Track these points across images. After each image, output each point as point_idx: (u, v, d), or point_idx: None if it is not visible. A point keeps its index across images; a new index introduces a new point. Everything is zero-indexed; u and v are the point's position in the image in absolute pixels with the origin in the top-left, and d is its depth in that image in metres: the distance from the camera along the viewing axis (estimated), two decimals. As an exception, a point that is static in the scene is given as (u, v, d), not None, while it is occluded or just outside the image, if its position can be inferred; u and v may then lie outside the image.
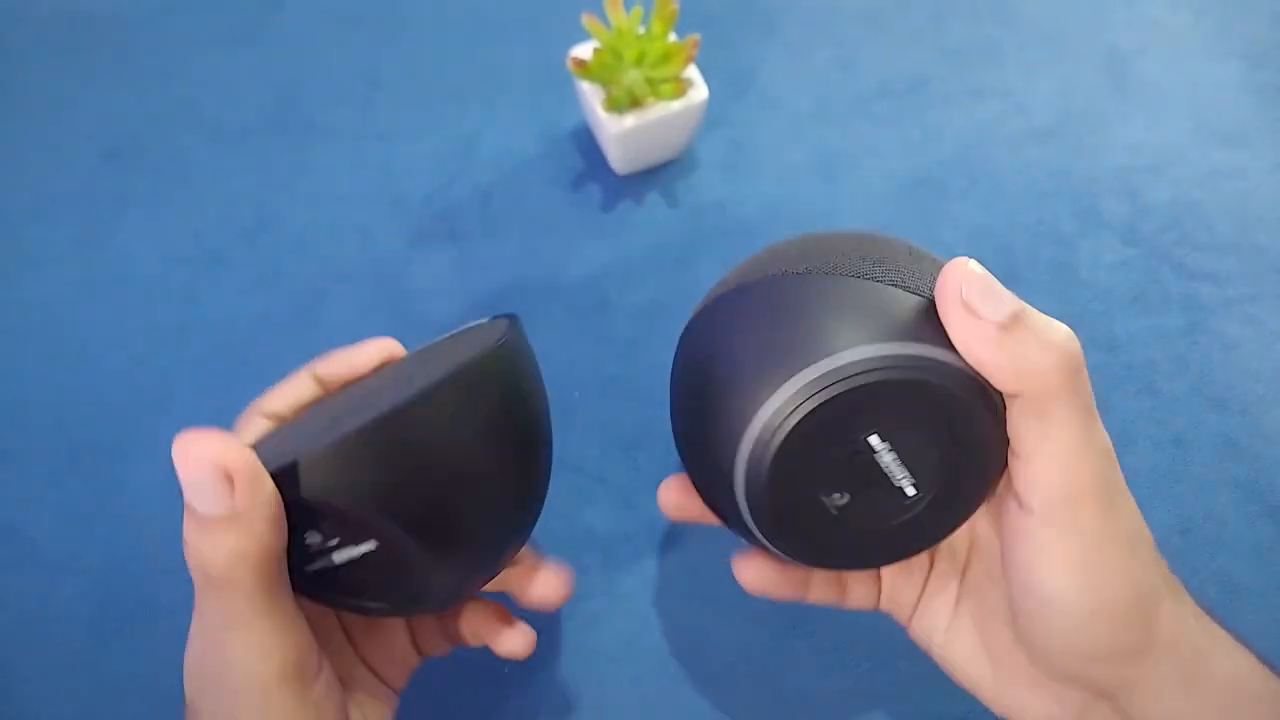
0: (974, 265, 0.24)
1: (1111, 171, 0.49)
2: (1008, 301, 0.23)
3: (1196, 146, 0.50)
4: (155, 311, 0.46)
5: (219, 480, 0.22)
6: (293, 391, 0.31)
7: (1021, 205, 0.48)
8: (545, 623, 0.38)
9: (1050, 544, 0.24)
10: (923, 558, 0.31)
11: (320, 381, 0.31)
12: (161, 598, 0.39)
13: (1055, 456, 0.24)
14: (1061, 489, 0.24)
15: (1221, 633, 0.26)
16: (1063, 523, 0.24)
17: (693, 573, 0.39)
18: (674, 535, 0.40)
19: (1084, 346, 0.26)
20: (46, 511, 0.41)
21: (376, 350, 0.32)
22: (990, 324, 0.23)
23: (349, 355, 0.32)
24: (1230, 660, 0.26)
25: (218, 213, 0.49)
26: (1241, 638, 0.26)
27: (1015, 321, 0.23)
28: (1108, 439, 0.25)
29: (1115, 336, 0.44)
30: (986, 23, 0.54)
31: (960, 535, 0.30)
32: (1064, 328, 0.24)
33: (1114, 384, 0.43)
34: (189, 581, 0.36)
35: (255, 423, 0.30)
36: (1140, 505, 0.26)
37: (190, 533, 0.23)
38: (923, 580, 0.31)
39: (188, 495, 0.23)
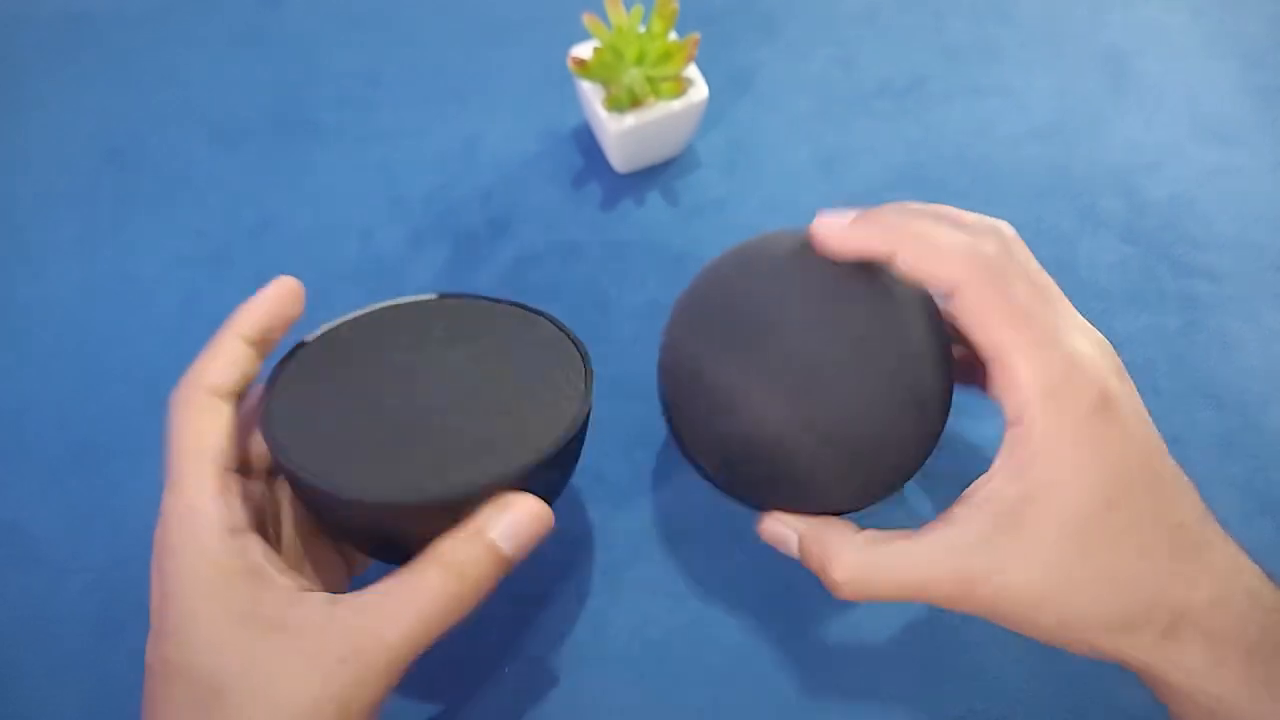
0: (768, 526, 0.33)
1: (1109, 170, 0.49)
2: (792, 550, 0.32)
3: (1194, 145, 0.50)
4: (157, 311, 0.46)
5: None
6: (228, 357, 0.31)
7: (1020, 204, 0.48)
8: (546, 622, 0.38)
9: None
10: None
11: (253, 343, 0.31)
12: (164, 596, 0.39)
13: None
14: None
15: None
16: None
17: (693, 572, 0.39)
18: (674, 534, 0.40)
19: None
20: (48, 511, 0.41)
21: (279, 294, 0.32)
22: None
23: (263, 306, 0.32)
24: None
25: (219, 213, 0.49)
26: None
27: (800, 558, 0.32)
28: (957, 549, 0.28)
29: (1113, 335, 0.44)
30: (986, 22, 0.54)
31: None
32: (830, 549, 0.30)
33: (1112, 382, 0.43)
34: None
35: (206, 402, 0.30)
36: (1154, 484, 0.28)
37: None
38: None
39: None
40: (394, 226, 0.48)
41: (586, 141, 0.50)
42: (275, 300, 0.32)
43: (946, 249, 0.27)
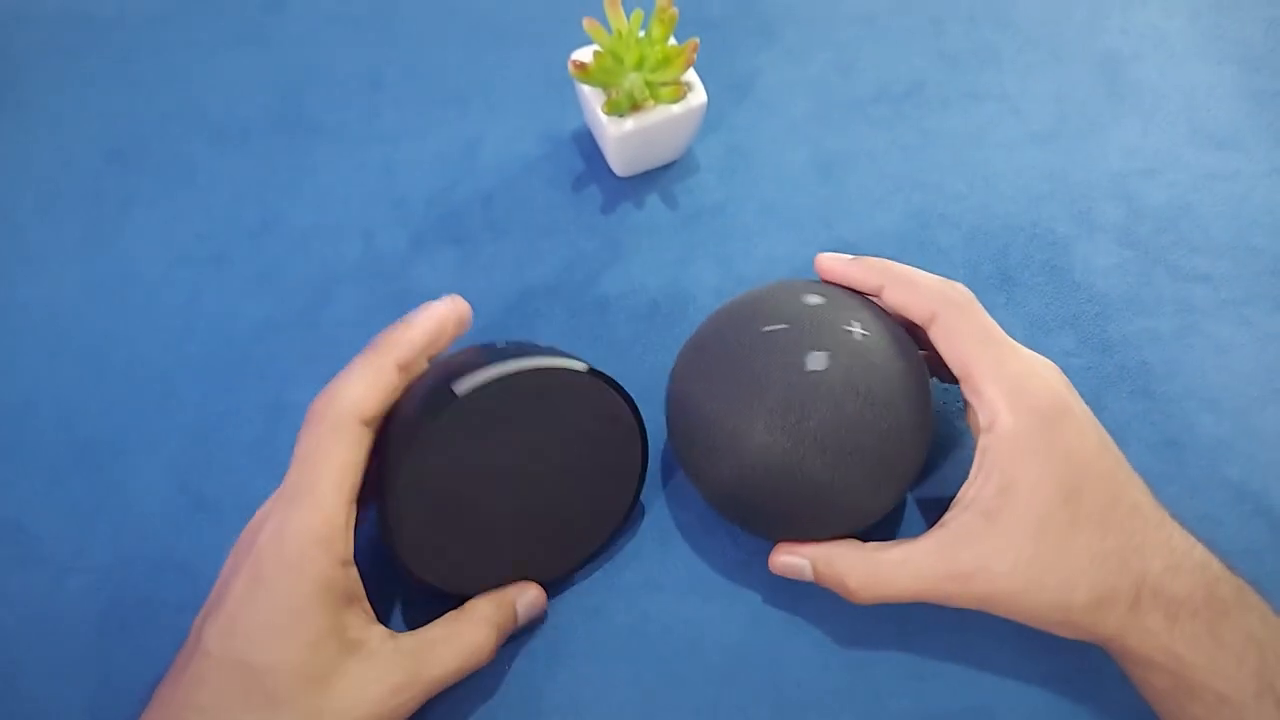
0: (776, 563, 0.37)
1: (1107, 175, 0.49)
2: (805, 574, 0.36)
3: (1191, 150, 0.50)
4: (158, 311, 0.46)
5: None
6: (385, 387, 0.32)
7: (1017, 208, 0.48)
8: (550, 620, 0.38)
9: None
10: None
11: (407, 369, 0.33)
12: (166, 595, 0.39)
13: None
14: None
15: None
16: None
17: (693, 571, 0.39)
18: (673, 533, 0.40)
19: (1078, 348, 0.27)
20: (51, 510, 0.41)
21: (444, 321, 0.34)
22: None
23: (427, 333, 0.33)
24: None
25: (220, 214, 0.49)
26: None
27: (816, 581, 0.36)
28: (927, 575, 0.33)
29: (1109, 338, 0.45)
30: (983, 27, 0.55)
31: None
32: (840, 566, 0.34)
33: (1108, 385, 0.43)
34: (192, 579, 0.37)
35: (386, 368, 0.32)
36: (1100, 471, 0.32)
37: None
38: None
39: None
40: (395, 228, 0.48)
41: (586, 145, 0.50)
42: (439, 329, 0.34)
43: (925, 286, 0.35)
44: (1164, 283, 0.46)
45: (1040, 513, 0.31)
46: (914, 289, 0.35)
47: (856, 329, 0.34)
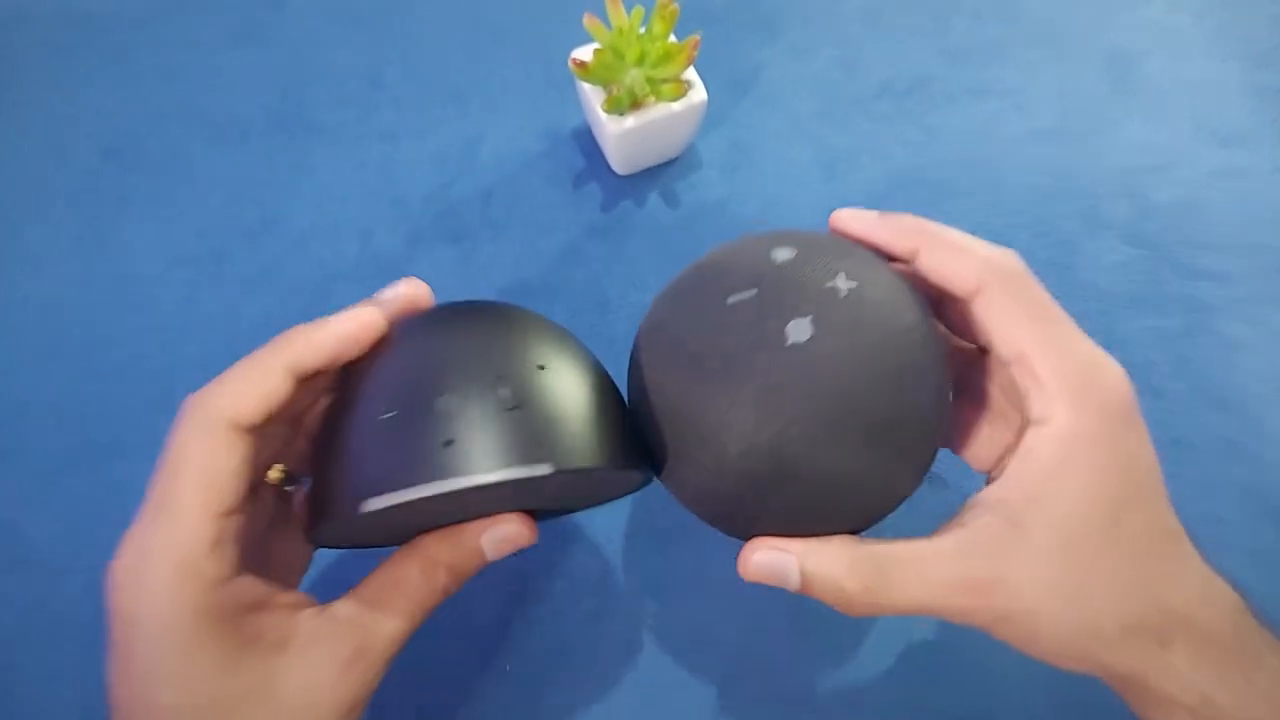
0: (752, 561, 0.29)
1: (1113, 172, 0.49)
2: (792, 581, 0.28)
3: (1198, 147, 0.50)
4: (156, 310, 0.46)
5: None
6: (266, 392, 0.27)
7: (1022, 205, 0.48)
8: (545, 622, 0.38)
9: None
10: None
11: (303, 379, 0.28)
12: (162, 597, 0.39)
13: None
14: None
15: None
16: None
17: (693, 572, 0.39)
18: (673, 534, 0.40)
19: None
20: (47, 511, 0.41)
21: (359, 330, 0.28)
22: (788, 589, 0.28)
23: (332, 342, 0.28)
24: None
25: (219, 212, 0.49)
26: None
27: (805, 590, 0.28)
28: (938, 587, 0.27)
29: (1116, 337, 0.44)
30: (988, 23, 0.54)
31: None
32: (840, 572, 0.28)
33: (1115, 385, 0.43)
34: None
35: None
36: (1150, 498, 0.27)
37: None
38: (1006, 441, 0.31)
39: None
40: (394, 226, 0.48)
41: (587, 143, 0.50)
42: (351, 339, 0.28)
43: (971, 251, 0.29)
44: (1171, 281, 0.46)
45: (1079, 529, 0.26)
46: (958, 254, 0.29)
47: (842, 282, 0.28)
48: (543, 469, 0.25)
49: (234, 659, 0.26)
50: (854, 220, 0.31)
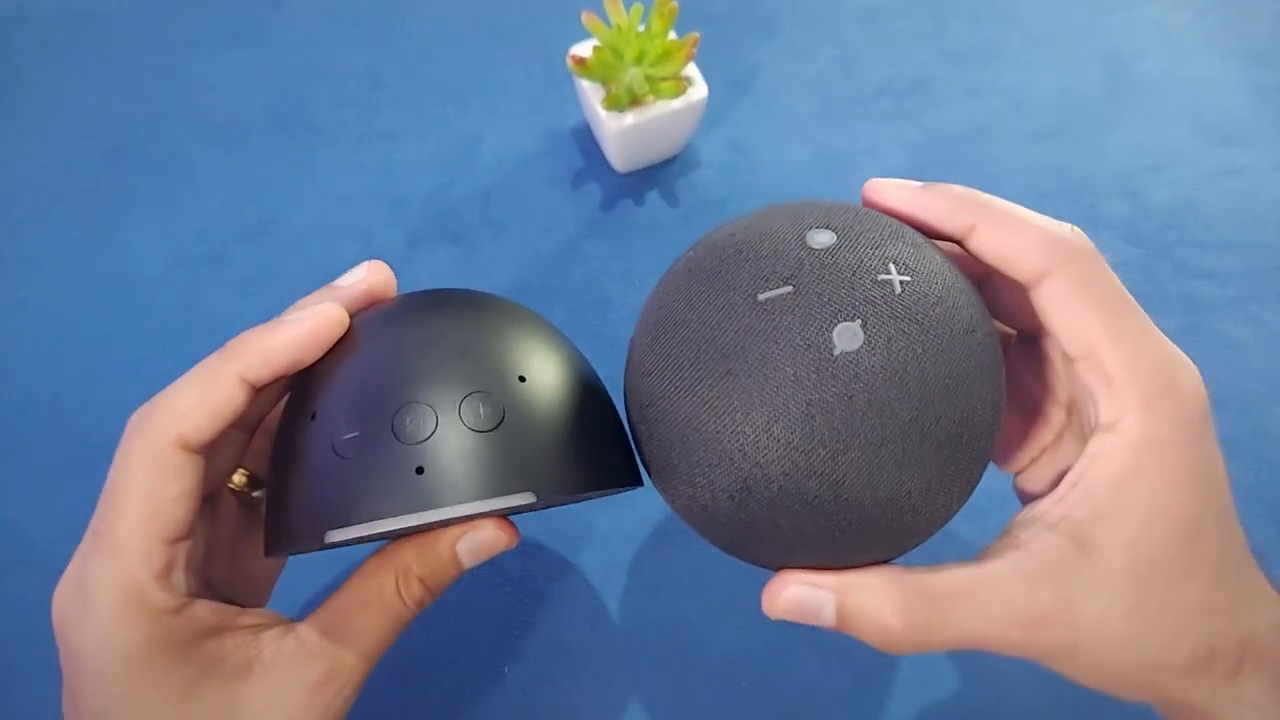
0: (783, 596, 0.26)
1: (1112, 171, 0.49)
2: (826, 618, 0.25)
3: (1197, 146, 0.50)
4: (156, 311, 0.46)
5: None
6: (217, 405, 0.25)
7: (1022, 205, 0.48)
8: (545, 622, 0.38)
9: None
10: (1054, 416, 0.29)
11: (258, 388, 0.26)
12: (162, 597, 0.39)
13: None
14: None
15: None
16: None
17: (693, 572, 0.39)
18: (674, 535, 0.40)
19: None
20: (47, 512, 0.41)
21: (314, 334, 0.26)
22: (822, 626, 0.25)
23: (288, 348, 0.26)
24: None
25: (219, 213, 0.49)
26: None
27: (841, 627, 0.25)
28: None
29: (1116, 336, 0.44)
30: (987, 22, 0.54)
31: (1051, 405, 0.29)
32: (885, 604, 0.24)
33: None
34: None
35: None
36: (1229, 517, 0.25)
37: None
38: (1042, 443, 0.29)
39: None
40: (394, 226, 0.48)
41: (586, 141, 0.50)
42: (306, 347, 0.26)
43: (1037, 228, 0.25)
44: (1170, 280, 0.46)
45: (1155, 550, 0.23)
46: (1023, 230, 0.25)
47: (894, 275, 0.23)
48: (524, 499, 0.23)
49: (190, 689, 0.24)
50: (895, 191, 0.26)
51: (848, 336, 0.22)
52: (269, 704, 0.25)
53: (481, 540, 0.27)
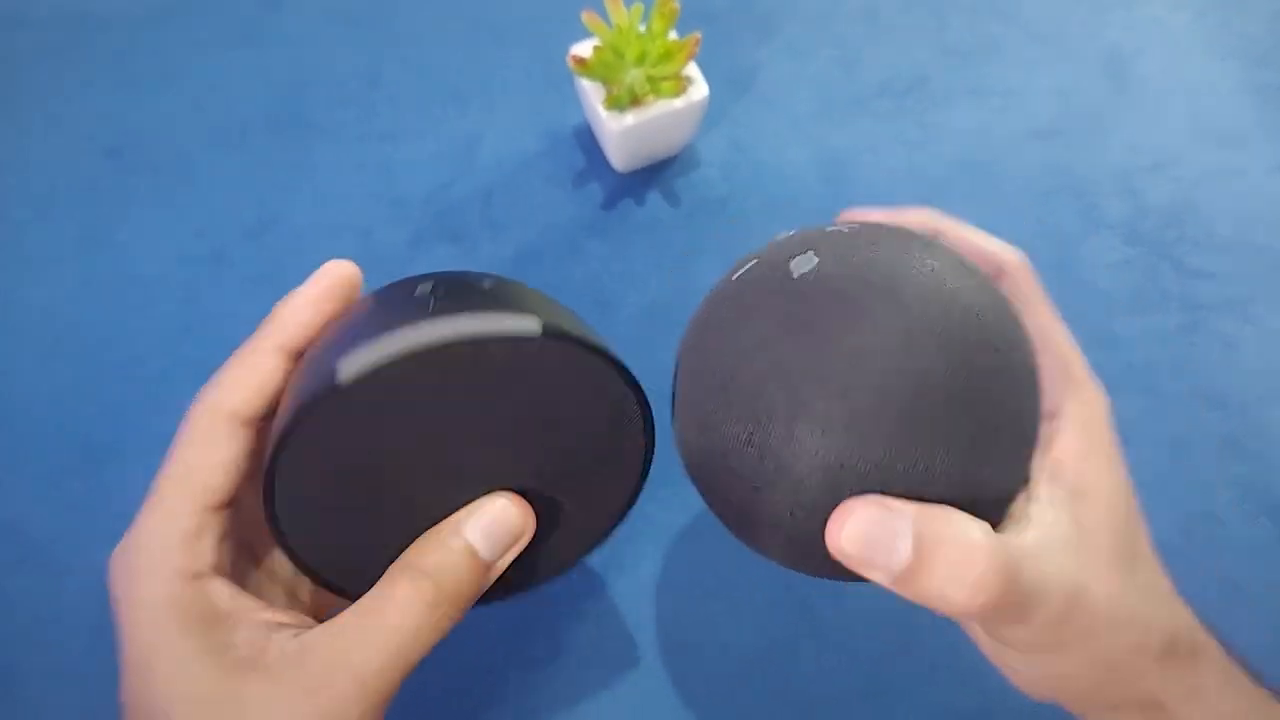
0: (859, 515, 0.22)
1: (1111, 171, 0.49)
2: (901, 552, 0.21)
3: (1196, 146, 0.50)
4: (156, 311, 0.46)
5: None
6: (261, 377, 0.27)
7: (1022, 204, 0.48)
8: (546, 622, 0.38)
9: (1012, 660, 0.26)
10: None
11: (295, 355, 0.27)
12: (163, 597, 0.39)
13: (988, 641, 0.25)
14: (1004, 652, 0.25)
15: (1213, 681, 0.25)
16: (1016, 661, 0.26)
17: (694, 572, 0.39)
18: (675, 535, 0.40)
19: (1084, 345, 0.26)
20: (48, 512, 0.41)
21: (330, 290, 0.28)
22: (888, 575, 0.22)
23: (310, 308, 0.27)
24: (1229, 700, 0.25)
25: (219, 213, 0.49)
26: (1257, 678, 0.26)
27: (913, 570, 0.21)
28: (1058, 602, 0.23)
29: (1115, 335, 0.44)
30: (987, 21, 0.54)
31: None
32: (973, 550, 0.21)
33: (1113, 384, 0.42)
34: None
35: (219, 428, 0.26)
36: (1140, 505, 0.26)
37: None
38: None
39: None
40: (394, 226, 0.48)
41: (587, 141, 0.50)
42: (325, 300, 0.27)
43: (989, 240, 0.29)
44: (1169, 279, 0.46)
45: (1119, 526, 0.24)
46: (980, 239, 0.29)
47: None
48: (530, 324, 0.24)
49: (196, 662, 0.24)
50: (867, 216, 0.30)
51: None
52: (255, 705, 0.24)
53: (491, 514, 0.26)
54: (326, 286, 0.28)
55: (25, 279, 0.47)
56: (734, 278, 0.27)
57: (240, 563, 0.28)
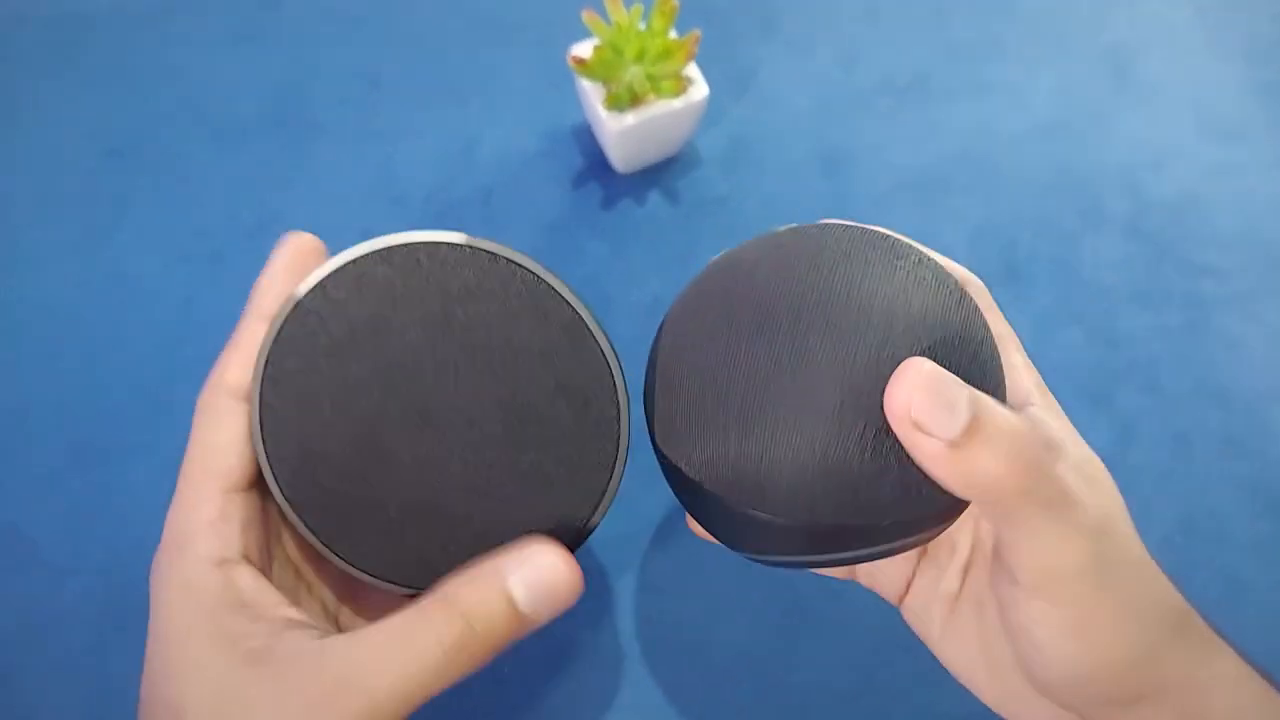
0: (925, 370, 0.21)
1: (1113, 168, 0.49)
2: (960, 411, 0.21)
3: (1198, 143, 0.49)
4: (156, 311, 0.46)
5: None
6: (252, 347, 0.27)
7: (1024, 201, 0.48)
8: (545, 624, 0.38)
9: (1041, 614, 0.23)
10: None
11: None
12: (163, 597, 0.39)
13: (1029, 551, 0.23)
14: (1043, 573, 0.23)
15: (1231, 670, 0.25)
16: (1051, 598, 0.23)
17: (693, 572, 0.39)
18: (674, 535, 0.40)
19: (1087, 343, 0.26)
20: (48, 512, 0.41)
21: (298, 258, 0.29)
22: (940, 442, 0.21)
23: (284, 277, 0.28)
24: (1233, 695, 0.24)
25: (218, 212, 0.49)
26: (1265, 673, 0.25)
27: (967, 436, 0.21)
28: (1094, 513, 0.23)
29: (1117, 333, 0.44)
30: (988, 18, 0.54)
31: (961, 529, 0.29)
32: (1018, 426, 0.21)
33: (1116, 381, 0.43)
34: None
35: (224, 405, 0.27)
36: (1142, 503, 0.26)
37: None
38: (913, 561, 0.30)
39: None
40: (394, 226, 0.48)
41: (586, 141, 0.50)
42: (297, 267, 0.29)
43: (949, 261, 0.29)
44: (1172, 277, 0.46)
45: (1116, 512, 0.24)
46: (941, 262, 0.28)
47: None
48: (457, 237, 0.28)
49: (211, 650, 0.23)
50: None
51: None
52: (262, 702, 0.23)
53: (538, 565, 0.25)
54: (293, 250, 0.29)
55: (23, 279, 0.47)
56: (694, 287, 0.28)
57: (266, 557, 0.27)
